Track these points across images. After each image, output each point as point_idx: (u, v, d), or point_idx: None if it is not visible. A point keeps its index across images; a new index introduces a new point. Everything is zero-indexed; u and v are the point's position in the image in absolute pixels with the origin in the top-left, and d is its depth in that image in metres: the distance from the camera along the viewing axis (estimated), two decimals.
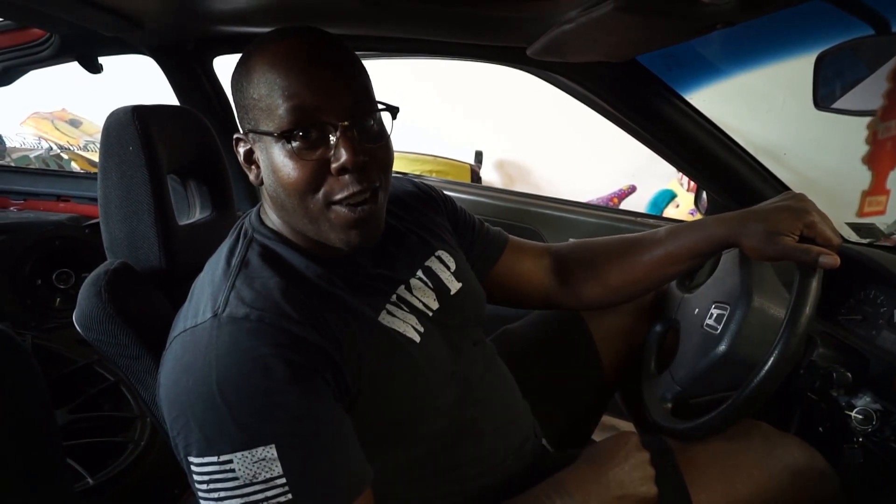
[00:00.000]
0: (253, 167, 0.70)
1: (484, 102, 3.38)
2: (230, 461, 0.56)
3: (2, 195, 1.76)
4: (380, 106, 0.68)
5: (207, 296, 0.65)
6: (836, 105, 0.99)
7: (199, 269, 0.73)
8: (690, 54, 2.08)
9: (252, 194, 1.60)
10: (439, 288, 0.81)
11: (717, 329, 0.86)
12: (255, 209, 0.76)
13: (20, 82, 1.52)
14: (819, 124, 2.31)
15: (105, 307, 0.71)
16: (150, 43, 1.35)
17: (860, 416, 0.82)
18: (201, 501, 0.58)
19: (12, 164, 3.08)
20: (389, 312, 0.72)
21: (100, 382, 1.45)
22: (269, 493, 0.56)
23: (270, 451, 0.56)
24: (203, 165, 0.96)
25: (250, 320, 0.61)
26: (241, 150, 0.71)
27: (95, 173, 0.82)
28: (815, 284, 0.74)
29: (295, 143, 0.63)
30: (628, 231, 1.45)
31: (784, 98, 2.48)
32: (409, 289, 0.77)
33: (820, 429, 0.91)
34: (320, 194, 0.65)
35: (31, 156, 3.45)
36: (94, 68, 1.42)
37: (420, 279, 0.79)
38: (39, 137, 3.51)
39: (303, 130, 0.63)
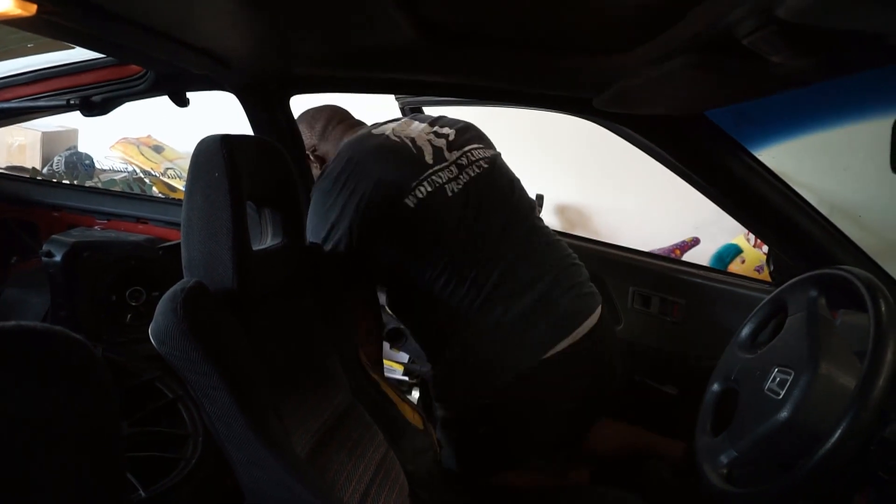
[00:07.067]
0: None
1: (549, 146, 3.39)
2: None
3: (89, 214, 1.89)
4: None
5: None
6: None
7: (268, 293, 0.76)
8: (761, 110, 2.03)
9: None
10: None
11: (779, 394, 0.82)
12: None
13: None
14: None
15: (179, 323, 0.73)
16: (235, 81, 1.44)
17: None
18: None
19: (100, 186, 3.31)
20: None
21: (159, 399, 1.50)
22: None
23: None
24: (280, 194, 1.00)
25: None
26: None
27: (172, 198, 0.87)
28: (890, 353, 0.70)
29: None
30: (689, 283, 1.41)
31: (863, 157, 2.39)
32: None
33: None
34: None
35: (117, 178, 3.70)
36: (182, 102, 1.51)
37: None
38: (126, 161, 3.73)
39: None
